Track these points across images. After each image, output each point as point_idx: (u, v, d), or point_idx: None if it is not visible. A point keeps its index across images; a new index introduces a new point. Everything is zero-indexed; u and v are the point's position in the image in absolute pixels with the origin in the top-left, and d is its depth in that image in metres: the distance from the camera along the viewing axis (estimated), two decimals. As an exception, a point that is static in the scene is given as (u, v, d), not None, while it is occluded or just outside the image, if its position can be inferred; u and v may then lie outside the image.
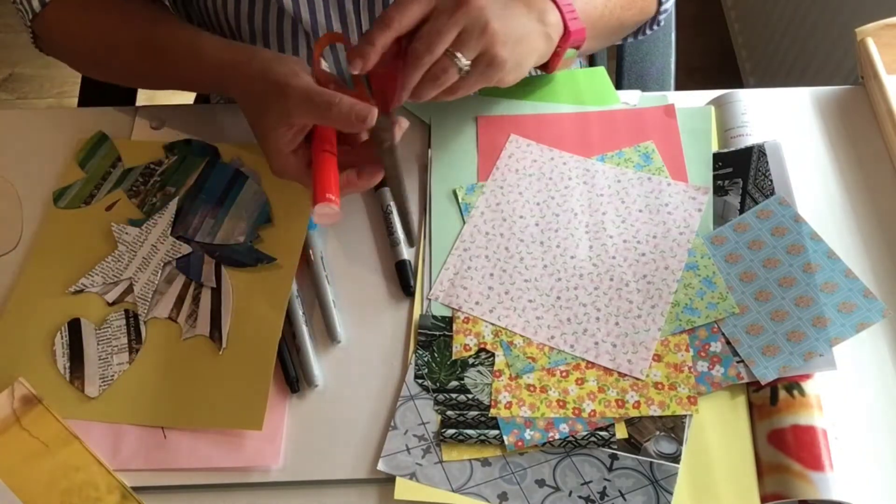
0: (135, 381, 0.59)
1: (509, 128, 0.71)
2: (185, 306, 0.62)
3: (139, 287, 0.62)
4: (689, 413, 0.56)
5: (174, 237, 0.65)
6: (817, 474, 0.52)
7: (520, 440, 0.55)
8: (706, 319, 0.59)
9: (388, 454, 0.55)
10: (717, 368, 0.57)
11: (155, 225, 0.65)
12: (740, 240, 0.63)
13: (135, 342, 0.60)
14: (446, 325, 0.61)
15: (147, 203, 0.67)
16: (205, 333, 0.60)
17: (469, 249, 0.64)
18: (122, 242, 0.64)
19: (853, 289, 0.59)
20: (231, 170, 0.68)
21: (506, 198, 0.67)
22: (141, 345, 0.60)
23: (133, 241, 0.65)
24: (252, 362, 0.59)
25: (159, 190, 0.68)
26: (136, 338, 0.60)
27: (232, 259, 0.64)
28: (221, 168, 0.69)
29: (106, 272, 0.63)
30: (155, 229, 0.65)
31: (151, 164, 0.69)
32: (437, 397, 0.57)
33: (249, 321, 0.61)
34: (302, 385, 0.59)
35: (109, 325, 0.61)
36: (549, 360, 0.58)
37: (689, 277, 0.61)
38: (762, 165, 0.66)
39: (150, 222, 0.66)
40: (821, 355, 0.56)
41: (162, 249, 0.64)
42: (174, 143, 0.71)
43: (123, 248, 0.64)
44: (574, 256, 0.63)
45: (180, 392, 0.58)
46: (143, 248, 0.64)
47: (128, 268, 0.63)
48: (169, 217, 0.66)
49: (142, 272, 0.63)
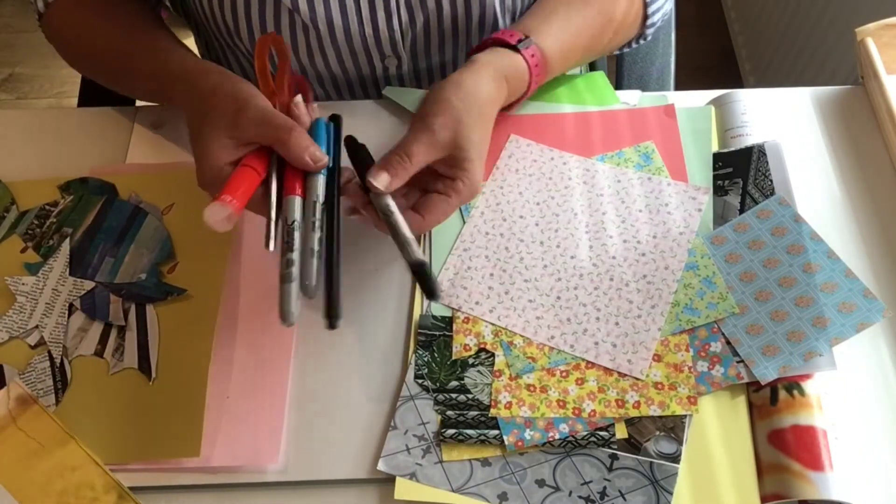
0: (63, 422, 0.58)
1: (509, 128, 0.71)
2: (111, 341, 0.61)
3: (48, 333, 0.62)
4: (689, 413, 0.56)
5: (74, 277, 0.64)
6: (817, 474, 0.52)
7: (520, 440, 0.55)
8: (706, 319, 0.59)
9: (388, 454, 0.55)
10: (717, 368, 0.57)
11: (51, 269, 0.65)
12: (740, 240, 0.63)
13: (60, 383, 0.60)
14: (446, 325, 0.61)
15: (44, 246, 0.66)
16: (133, 366, 0.60)
17: (469, 249, 0.64)
18: (21, 294, 0.64)
19: (853, 289, 0.59)
20: (130, 207, 0.68)
21: (506, 198, 0.67)
22: (67, 385, 0.59)
23: (31, 290, 0.64)
24: (185, 389, 0.58)
25: (56, 232, 0.67)
26: (61, 378, 0.60)
27: (140, 295, 0.63)
28: (120, 205, 0.68)
29: (10, 326, 0.62)
30: (52, 273, 0.65)
31: (46, 206, 0.68)
32: (437, 397, 0.57)
33: (178, 349, 0.60)
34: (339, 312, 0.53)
35: (34, 369, 0.60)
36: (549, 360, 0.58)
37: (689, 277, 0.61)
38: (762, 165, 0.66)
39: (45, 267, 0.65)
40: (821, 355, 0.56)
41: (64, 291, 0.64)
42: (70, 182, 0.70)
43: (23, 299, 0.63)
44: (574, 256, 0.63)
45: (113, 428, 0.57)
46: (43, 295, 0.64)
47: (32, 317, 0.62)
48: (64, 258, 0.65)
49: (47, 317, 0.62)
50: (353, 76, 0.77)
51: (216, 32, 0.75)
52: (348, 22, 0.71)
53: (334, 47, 0.73)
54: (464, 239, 0.65)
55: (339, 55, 0.74)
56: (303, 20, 0.70)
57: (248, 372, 0.60)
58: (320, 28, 0.70)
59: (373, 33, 0.72)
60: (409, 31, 0.73)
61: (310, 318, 0.61)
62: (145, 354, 0.60)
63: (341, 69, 0.75)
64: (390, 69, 0.76)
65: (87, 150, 0.72)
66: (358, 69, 0.76)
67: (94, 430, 0.57)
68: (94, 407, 0.58)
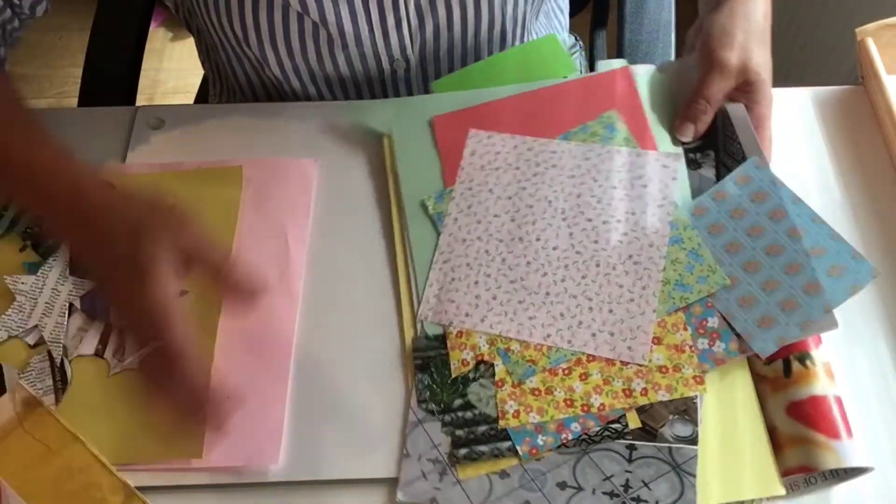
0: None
1: (467, 122, 0.68)
2: (112, 341, 0.61)
3: (48, 332, 0.61)
4: (697, 393, 0.55)
5: (74, 276, 0.64)
6: (838, 443, 0.52)
7: (533, 447, 0.54)
8: (699, 294, 0.58)
9: (406, 483, 0.54)
10: (717, 344, 0.57)
11: (51, 269, 0.64)
12: (721, 209, 0.62)
13: (60, 383, 0.59)
14: (440, 343, 0.59)
15: (43, 245, 0.66)
16: (134, 366, 0.59)
17: (449, 261, 0.63)
18: (20, 293, 0.63)
19: (841, 251, 0.58)
20: None
21: (476, 198, 0.65)
22: (67, 385, 0.59)
23: (31, 290, 0.63)
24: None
25: None
26: (61, 378, 0.60)
27: None
28: None
29: (9, 326, 0.62)
30: (52, 272, 0.64)
31: None
32: (444, 418, 0.56)
33: None
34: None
35: (33, 369, 0.60)
36: (548, 359, 0.58)
37: (675, 252, 0.60)
38: (728, 130, 0.66)
39: (45, 267, 0.64)
40: (817, 320, 0.55)
41: (63, 291, 0.63)
42: None
43: (22, 299, 0.63)
44: (556, 247, 0.62)
45: (115, 428, 0.57)
46: (43, 294, 0.63)
47: (31, 316, 0.62)
48: (64, 258, 0.65)
49: (47, 317, 0.62)
50: (360, 77, 0.77)
51: (223, 41, 0.74)
52: (358, 28, 0.71)
53: (343, 50, 0.73)
54: (442, 251, 0.63)
55: (349, 58, 0.74)
56: (312, 22, 0.70)
57: (248, 372, 0.60)
58: (330, 31, 0.70)
59: (382, 37, 0.72)
60: (418, 35, 0.73)
61: (310, 318, 0.62)
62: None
63: (349, 71, 0.75)
64: (398, 71, 0.76)
65: (86, 150, 0.72)
66: (366, 71, 0.76)
67: (95, 430, 0.57)
68: (94, 407, 0.58)
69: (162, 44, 1.94)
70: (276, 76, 0.75)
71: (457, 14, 0.71)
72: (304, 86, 0.76)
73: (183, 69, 1.90)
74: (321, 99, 0.78)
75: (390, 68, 0.76)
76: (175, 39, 1.95)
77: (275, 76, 0.75)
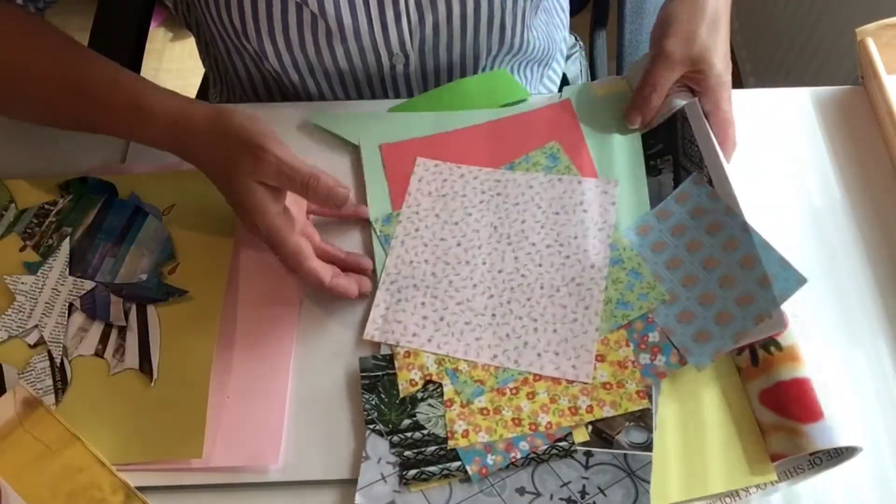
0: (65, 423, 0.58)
1: (414, 150, 0.70)
2: (112, 341, 0.61)
3: (48, 332, 0.62)
4: (641, 408, 0.56)
5: (74, 276, 0.64)
6: (812, 426, 0.52)
7: (483, 467, 0.55)
8: (640, 311, 0.59)
9: (364, 486, 0.55)
10: (659, 358, 0.57)
11: (51, 269, 0.65)
12: (664, 227, 0.63)
13: (60, 383, 0.59)
14: (388, 363, 0.59)
15: (43, 245, 0.66)
16: (134, 366, 0.60)
17: (396, 282, 0.63)
18: (20, 293, 0.63)
19: (770, 260, 0.57)
20: (130, 207, 0.68)
21: (423, 222, 0.66)
22: (67, 385, 0.59)
23: (31, 290, 0.64)
24: (186, 390, 0.58)
25: (55, 231, 0.67)
26: (61, 378, 0.60)
27: (142, 296, 0.63)
28: (120, 205, 0.68)
29: (9, 325, 0.62)
30: (52, 272, 0.64)
31: (45, 205, 0.68)
32: (392, 439, 0.56)
33: (180, 350, 0.60)
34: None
35: (33, 368, 0.60)
36: (496, 379, 0.58)
37: (616, 272, 0.61)
38: (687, 132, 0.65)
39: (45, 267, 0.65)
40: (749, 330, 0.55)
41: (63, 291, 0.63)
42: (69, 181, 0.69)
43: (22, 299, 0.63)
44: (501, 270, 0.63)
45: (115, 428, 0.57)
46: (43, 294, 0.63)
47: (31, 316, 0.62)
48: (64, 258, 0.65)
49: (47, 317, 0.62)
50: (360, 73, 0.76)
51: (222, 34, 0.74)
52: (357, 21, 0.70)
53: (342, 44, 0.72)
54: (389, 272, 0.64)
55: (348, 52, 0.73)
56: (311, 13, 0.69)
57: (248, 372, 0.60)
58: (329, 23, 0.70)
59: (381, 31, 0.72)
60: (417, 31, 0.73)
61: (310, 319, 0.63)
62: (146, 355, 0.60)
63: (349, 66, 0.75)
64: (398, 67, 0.76)
65: (86, 150, 0.72)
66: (365, 66, 0.76)
67: (95, 430, 0.57)
68: (94, 407, 0.58)
69: (162, 44, 1.93)
70: (274, 69, 0.75)
71: (456, 9, 0.71)
72: (303, 80, 0.76)
73: (183, 69, 1.89)
74: (320, 94, 0.78)
75: (389, 63, 0.76)
76: (175, 39, 1.94)
77: (274, 69, 0.75)
